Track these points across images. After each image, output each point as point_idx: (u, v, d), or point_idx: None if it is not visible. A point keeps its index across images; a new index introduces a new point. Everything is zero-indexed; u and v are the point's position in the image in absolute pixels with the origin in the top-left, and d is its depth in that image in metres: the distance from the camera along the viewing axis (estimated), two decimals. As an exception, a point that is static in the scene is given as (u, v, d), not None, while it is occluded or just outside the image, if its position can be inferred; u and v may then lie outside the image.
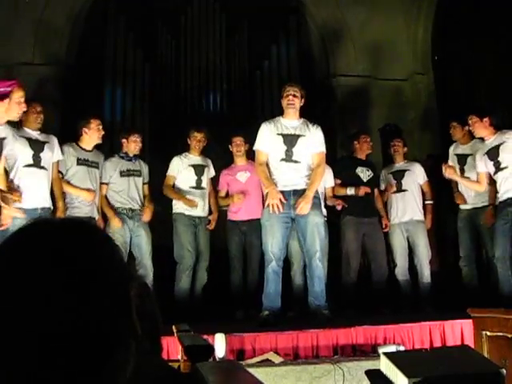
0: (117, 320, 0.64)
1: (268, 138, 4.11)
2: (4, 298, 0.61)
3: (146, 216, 4.77)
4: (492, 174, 4.41)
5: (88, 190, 4.50)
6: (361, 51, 7.54)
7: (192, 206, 4.79)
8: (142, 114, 7.13)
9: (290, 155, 4.04)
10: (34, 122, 4.24)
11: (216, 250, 5.08)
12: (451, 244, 5.47)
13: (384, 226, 5.17)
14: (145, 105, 7.18)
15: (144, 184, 4.93)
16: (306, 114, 4.32)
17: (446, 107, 7.15)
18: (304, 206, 3.91)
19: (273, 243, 3.98)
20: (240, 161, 5.10)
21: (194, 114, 7.21)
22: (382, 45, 7.51)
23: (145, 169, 4.97)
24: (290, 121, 4.16)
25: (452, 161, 4.99)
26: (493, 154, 4.35)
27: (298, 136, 4.08)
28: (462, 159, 4.91)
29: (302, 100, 4.18)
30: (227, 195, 5.09)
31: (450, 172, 4.62)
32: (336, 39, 7.61)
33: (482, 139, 4.52)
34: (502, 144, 4.31)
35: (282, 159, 4.04)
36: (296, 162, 4.04)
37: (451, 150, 5.06)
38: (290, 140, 4.06)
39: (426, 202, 5.23)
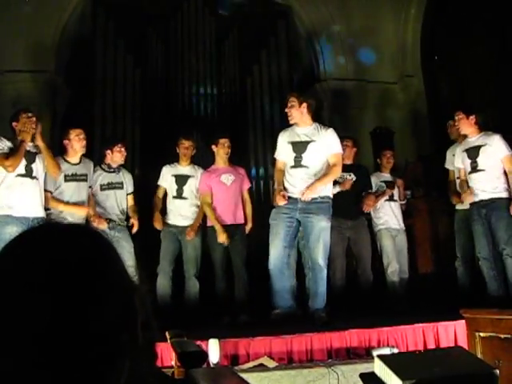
0: (121, 329, 0.63)
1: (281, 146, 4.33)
2: (5, 302, 0.60)
3: (135, 228, 4.72)
4: (467, 172, 4.46)
5: (77, 204, 4.47)
6: (350, 54, 7.57)
7: (156, 225, 4.79)
8: (132, 119, 7.12)
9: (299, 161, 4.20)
10: (30, 133, 4.20)
11: (204, 256, 5.02)
12: (444, 245, 5.50)
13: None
14: (135, 110, 7.17)
15: (128, 194, 4.86)
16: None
17: (436, 109, 7.20)
18: (307, 193, 4.03)
19: (274, 242, 4.13)
20: (224, 163, 4.93)
21: (184, 119, 7.20)
22: (372, 48, 7.54)
23: (128, 179, 4.89)
24: (301, 128, 4.27)
25: (457, 161, 4.92)
26: (472, 153, 4.40)
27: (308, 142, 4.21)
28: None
29: (303, 105, 4.22)
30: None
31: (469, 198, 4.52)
32: (325, 43, 7.64)
33: (465, 136, 4.56)
34: (483, 146, 4.36)
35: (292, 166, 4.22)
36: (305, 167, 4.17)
37: (449, 151, 5.02)
38: (299, 147, 4.22)
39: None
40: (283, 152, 4.29)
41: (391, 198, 5.29)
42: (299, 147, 4.20)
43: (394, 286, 5.10)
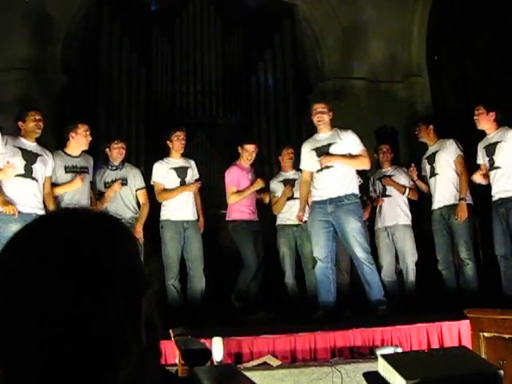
0: (126, 325, 0.62)
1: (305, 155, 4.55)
2: (9, 296, 0.59)
3: (137, 234, 4.66)
4: (487, 169, 4.47)
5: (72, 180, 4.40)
6: (355, 53, 7.55)
7: (190, 190, 4.77)
8: (137, 118, 7.12)
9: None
10: (32, 131, 4.18)
11: (212, 252, 5.02)
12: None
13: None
14: (140, 109, 7.17)
15: (138, 190, 4.83)
16: (301, 117, 4.35)
17: (442, 108, 7.17)
18: (323, 160, 4.29)
19: (316, 247, 4.41)
20: (248, 164, 5.15)
21: (189, 117, 7.20)
22: (377, 47, 7.52)
23: (133, 174, 4.85)
24: (323, 134, 4.50)
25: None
26: (489, 150, 4.41)
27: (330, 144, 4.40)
28: (431, 158, 4.94)
29: (330, 113, 4.52)
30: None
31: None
32: (330, 42, 7.62)
33: (483, 132, 4.53)
34: (499, 142, 4.34)
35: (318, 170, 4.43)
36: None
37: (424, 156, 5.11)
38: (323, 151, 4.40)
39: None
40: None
41: (384, 194, 5.20)
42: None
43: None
